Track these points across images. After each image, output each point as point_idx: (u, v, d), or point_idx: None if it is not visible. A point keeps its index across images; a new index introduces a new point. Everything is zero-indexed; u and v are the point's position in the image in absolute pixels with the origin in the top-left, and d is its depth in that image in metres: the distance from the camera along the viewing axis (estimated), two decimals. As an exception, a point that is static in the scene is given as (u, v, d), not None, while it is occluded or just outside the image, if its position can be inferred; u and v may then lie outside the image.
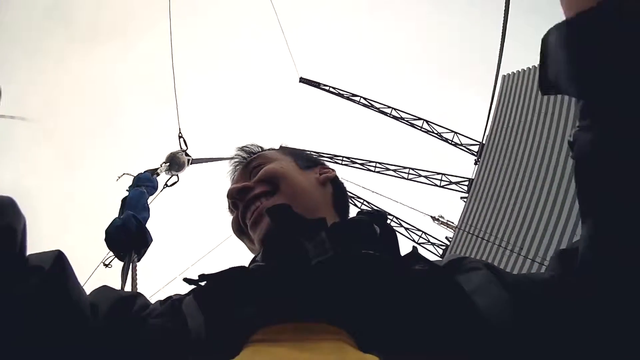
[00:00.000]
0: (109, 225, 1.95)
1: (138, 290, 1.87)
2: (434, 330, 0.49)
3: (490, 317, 0.51)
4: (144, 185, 2.42)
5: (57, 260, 0.56)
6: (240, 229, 0.80)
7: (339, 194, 0.86)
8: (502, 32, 11.20)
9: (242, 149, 0.91)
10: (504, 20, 11.07)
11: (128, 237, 1.94)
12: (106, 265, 2.03)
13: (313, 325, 0.51)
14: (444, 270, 0.61)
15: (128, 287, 1.88)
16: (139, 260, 1.99)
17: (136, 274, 1.91)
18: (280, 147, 0.94)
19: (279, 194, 0.76)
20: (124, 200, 2.26)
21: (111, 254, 2.03)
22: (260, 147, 0.92)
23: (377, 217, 0.71)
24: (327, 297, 0.53)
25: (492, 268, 0.60)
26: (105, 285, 0.68)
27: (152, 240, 2.07)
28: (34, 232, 0.60)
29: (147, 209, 2.25)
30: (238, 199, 0.79)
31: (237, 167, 0.90)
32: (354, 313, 0.51)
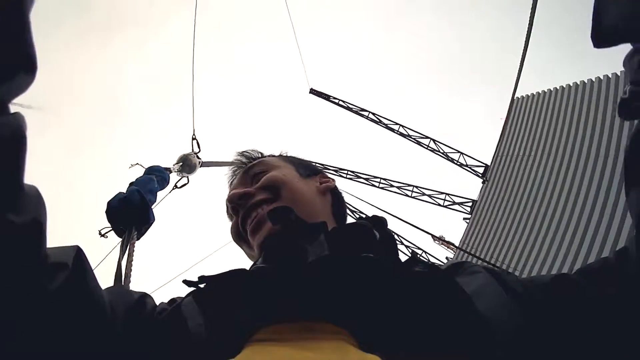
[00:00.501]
0: (112, 198, 1.91)
1: (132, 270, 1.84)
2: (435, 330, 0.49)
3: (490, 318, 0.51)
4: (154, 174, 2.42)
5: (78, 257, 0.55)
6: (239, 235, 0.80)
7: (338, 204, 0.86)
8: (522, 57, 11.22)
9: (242, 154, 0.92)
10: (524, 48, 11.09)
11: (130, 209, 1.89)
12: (102, 235, 1.98)
13: (314, 324, 0.51)
14: (444, 272, 0.61)
15: (123, 268, 1.85)
16: (138, 238, 1.95)
17: (133, 252, 1.86)
18: (281, 154, 0.94)
19: (280, 202, 0.76)
20: (131, 184, 2.23)
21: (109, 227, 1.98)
22: (261, 153, 0.92)
23: (377, 223, 0.71)
24: (328, 297, 0.53)
25: (493, 271, 0.61)
26: (120, 285, 0.67)
27: (154, 219, 2.02)
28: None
29: (154, 195, 2.21)
30: (239, 205, 0.78)
31: (237, 172, 0.90)
32: (355, 313, 0.51)
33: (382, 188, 16.67)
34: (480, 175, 15.87)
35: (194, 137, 3.59)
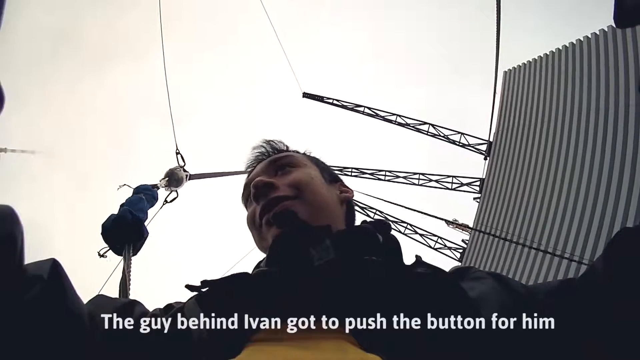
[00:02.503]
0: (105, 220, 1.99)
1: (131, 282, 1.89)
2: (436, 332, 0.50)
3: (492, 321, 0.52)
4: (142, 193, 2.50)
5: (54, 269, 0.56)
6: (254, 223, 0.80)
7: (351, 215, 0.87)
8: (497, 28, 11.24)
9: (268, 142, 0.92)
10: (497, 17, 11.12)
11: (123, 228, 1.97)
12: (101, 256, 2.06)
13: (314, 324, 0.52)
14: (448, 276, 0.62)
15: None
16: (135, 254, 2.02)
17: (130, 268, 1.94)
18: (305, 153, 0.94)
19: (301, 201, 0.76)
20: (122, 205, 2.30)
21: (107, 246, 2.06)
22: (286, 146, 0.93)
23: (380, 226, 0.71)
24: (328, 297, 0.54)
25: (498, 277, 0.62)
26: (101, 295, 0.68)
27: (148, 233, 2.11)
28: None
29: (145, 212, 2.30)
30: (262, 194, 0.78)
31: (260, 158, 0.90)
32: (355, 313, 0.52)
33: (388, 180, 16.64)
34: (484, 152, 15.80)
35: (177, 151, 3.65)
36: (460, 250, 15.42)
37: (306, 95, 18.39)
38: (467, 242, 15.55)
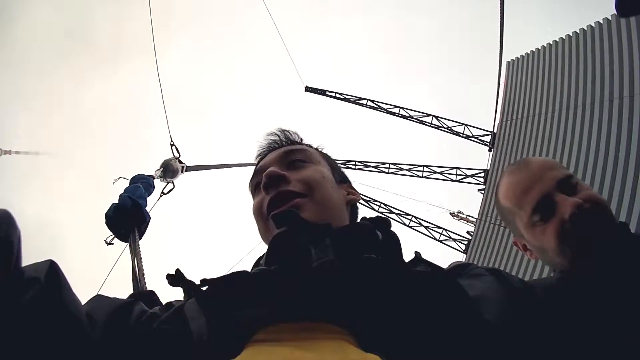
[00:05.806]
0: (107, 209, 2.05)
1: (144, 268, 1.92)
2: (435, 331, 0.50)
3: (492, 320, 0.52)
4: (139, 182, 2.56)
5: (51, 270, 0.57)
6: (261, 213, 0.80)
7: (354, 217, 0.88)
8: (501, 18, 11.17)
9: (283, 131, 0.92)
10: (500, 6, 11.05)
11: (125, 214, 2.03)
12: (108, 244, 2.12)
13: (314, 325, 0.53)
14: (447, 273, 0.62)
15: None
16: (140, 238, 2.07)
17: (140, 252, 1.97)
18: (317, 148, 0.94)
19: (311, 200, 0.76)
20: (121, 195, 2.36)
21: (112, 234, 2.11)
22: (301, 138, 0.93)
23: (379, 224, 0.72)
24: (328, 297, 0.54)
25: (497, 274, 0.62)
26: (99, 295, 0.68)
27: (149, 217, 2.16)
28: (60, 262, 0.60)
29: (144, 199, 2.35)
30: (272, 185, 0.77)
31: (273, 147, 0.90)
32: (354, 313, 0.52)
33: (392, 173, 16.62)
34: (488, 143, 15.74)
35: (172, 143, 3.66)
36: (466, 242, 15.42)
37: (308, 89, 18.35)
38: (472, 233, 15.55)
